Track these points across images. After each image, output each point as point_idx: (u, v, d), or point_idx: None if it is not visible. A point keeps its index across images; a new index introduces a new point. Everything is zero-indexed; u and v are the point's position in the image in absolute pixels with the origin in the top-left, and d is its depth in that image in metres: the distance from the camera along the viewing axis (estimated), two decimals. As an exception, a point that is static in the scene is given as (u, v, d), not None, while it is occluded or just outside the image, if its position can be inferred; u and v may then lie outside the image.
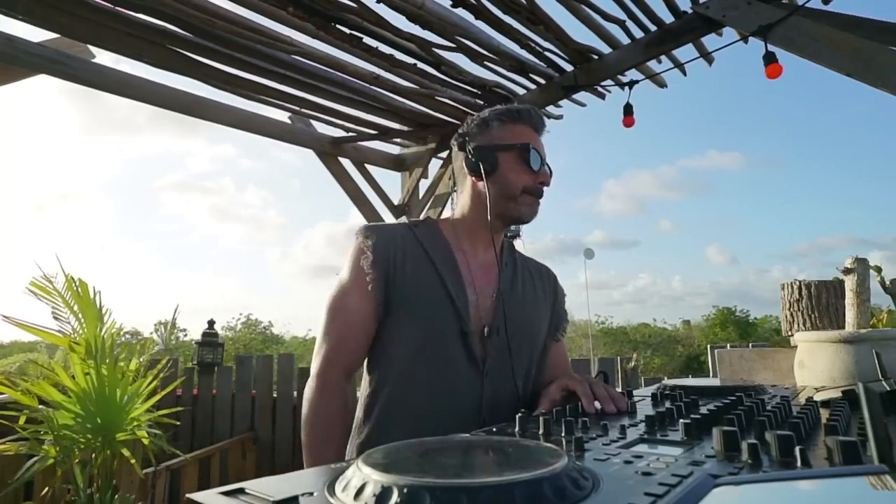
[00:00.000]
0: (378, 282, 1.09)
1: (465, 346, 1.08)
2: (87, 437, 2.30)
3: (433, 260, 1.12)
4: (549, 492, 0.36)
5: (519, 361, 1.14)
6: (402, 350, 1.08)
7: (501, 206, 1.14)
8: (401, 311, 1.08)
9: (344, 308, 1.10)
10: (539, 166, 1.14)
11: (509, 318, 1.13)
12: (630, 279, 64.69)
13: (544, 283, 1.31)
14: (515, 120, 1.18)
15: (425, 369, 1.06)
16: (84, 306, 2.48)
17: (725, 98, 79.42)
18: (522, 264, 1.29)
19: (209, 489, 0.43)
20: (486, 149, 1.13)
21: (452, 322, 1.08)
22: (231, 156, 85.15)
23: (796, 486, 0.38)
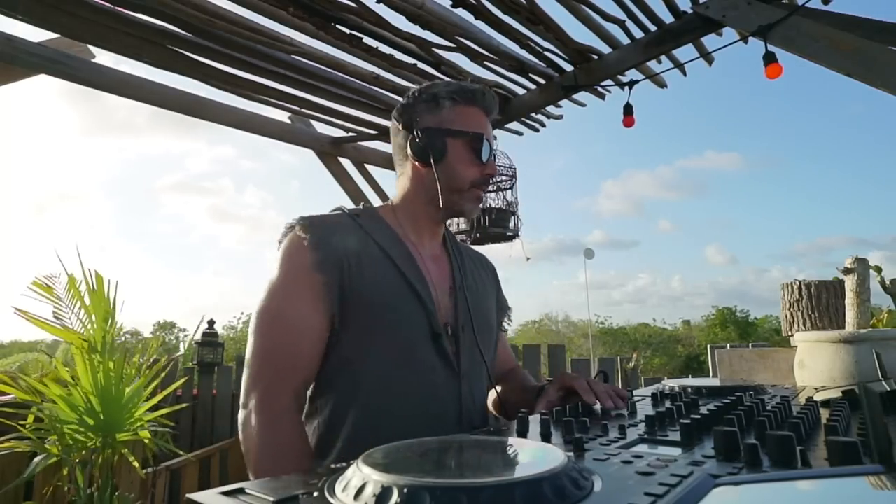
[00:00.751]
0: (330, 285, 0.92)
1: (438, 349, 0.97)
2: (90, 435, 2.30)
3: (388, 253, 0.99)
4: (549, 492, 0.36)
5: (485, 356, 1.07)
6: (369, 361, 0.93)
7: (446, 197, 1.02)
8: (363, 320, 0.93)
9: (286, 319, 0.91)
10: (489, 157, 1.04)
11: (471, 311, 1.05)
12: (629, 279, 64.75)
13: (486, 272, 1.23)
14: (469, 101, 1.05)
15: (399, 379, 0.93)
16: (96, 300, 2.48)
17: (724, 98, 79.47)
18: (465, 254, 1.20)
19: (209, 489, 0.43)
20: (436, 132, 1.01)
21: (423, 324, 0.96)
22: (230, 156, 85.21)
23: (796, 486, 0.38)
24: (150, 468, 2.70)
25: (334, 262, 0.93)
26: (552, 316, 30.41)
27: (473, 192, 1.04)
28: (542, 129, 3.50)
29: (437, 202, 1.03)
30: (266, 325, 0.92)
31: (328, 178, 3.76)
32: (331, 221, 1.01)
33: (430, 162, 1.01)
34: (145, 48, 2.38)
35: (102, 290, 2.51)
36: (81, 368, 2.31)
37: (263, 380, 0.89)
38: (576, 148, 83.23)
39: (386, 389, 0.93)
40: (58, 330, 2.46)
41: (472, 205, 1.05)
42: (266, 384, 0.89)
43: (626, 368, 4.35)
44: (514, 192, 3.55)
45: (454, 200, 1.03)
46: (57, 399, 2.27)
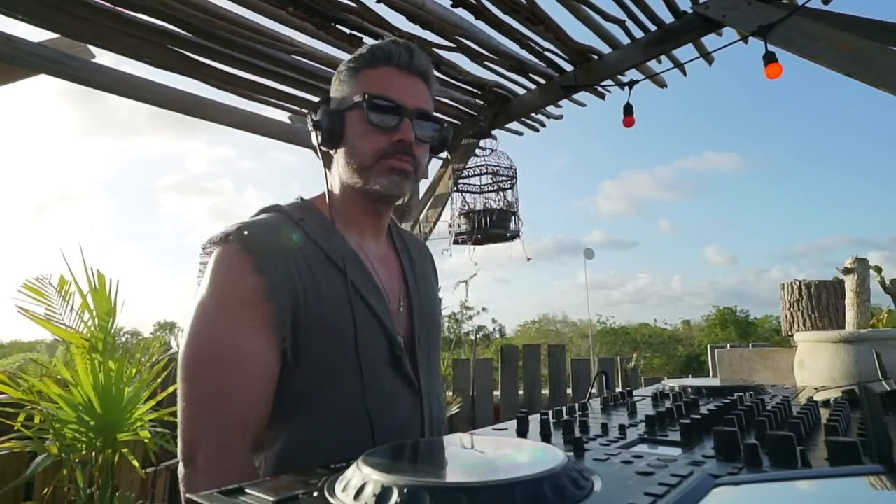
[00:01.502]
0: (283, 317, 0.77)
1: (401, 372, 0.86)
2: (90, 435, 2.30)
3: (339, 266, 0.84)
4: (549, 492, 0.36)
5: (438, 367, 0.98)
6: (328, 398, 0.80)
7: (357, 180, 0.87)
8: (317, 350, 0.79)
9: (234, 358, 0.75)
10: (395, 121, 0.85)
11: (425, 320, 0.94)
12: (629, 279, 64.77)
13: (428, 263, 1.09)
14: (370, 63, 0.88)
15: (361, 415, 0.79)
16: (98, 300, 2.48)
17: (723, 99, 79.63)
18: (411, 245, 1.05)
19: (209, 489, 0.43)
20: (332, 112, 0.88)
21: (382, 347, 0.84)
22: (230, 157, 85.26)
23: (796, 486, 0.38)
24: (151, 468, 2.70)
25: (287, 286, 0.78)
26: (552, 316, 30.42)
27: (382, 164, 0.86)
28: (541, 129, 3.50)
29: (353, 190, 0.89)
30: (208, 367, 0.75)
31: (328, 178, 3.76)
32: (275, 231, 0.83)
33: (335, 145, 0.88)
34: (145, 48, 2.38)
35: (104, 289, 2.51)
36: (82, 368, 2.31)
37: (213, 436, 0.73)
38: (574, 148, 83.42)
39: (345, 425, 0.80)
40: (59, 329, 2.46)
41: (386, 179, 0.86)
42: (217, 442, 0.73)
43: (626, 368, 4.35)
44: (514, 192, 3.55)
45: (362, 181, 0.87)
46: (57, 399, 2.27)
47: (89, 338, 2.40)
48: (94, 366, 2.33)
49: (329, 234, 0.87)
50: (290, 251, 0.81)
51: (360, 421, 0.80)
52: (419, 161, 0.89)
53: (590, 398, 0.98)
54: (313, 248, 0.84)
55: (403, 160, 0.86)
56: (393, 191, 0.87)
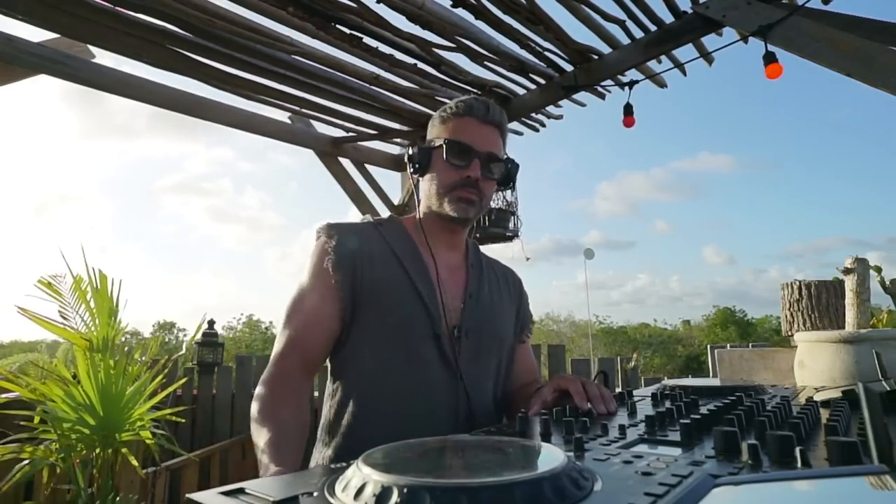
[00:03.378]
0: (343, 283, 1.04)
1: (439, 348, 1.04)
2: (90, 435, 2.30)
3: (400, 259, 1.09)
4: (549, 492, 0.36)
5: (488, 363, 1.12)
6: (373, 353, 1.03)
7: (435, 204, 1.12)
8: (369, 314, 1.04)
9: (302, 308, 1.05)
10: (467, 161, 1.09)
11: (478, 319, 1.11)
12: (628, 279, 64.81)
13: (510, 286, 1.29)
14: (456, 115, 1.13)
15: (398, 373, 1.02)
16: (99, 299, 2.48)
17: (717, 100, 79.70)
18: (488, 266, 1.26)
19: (209, 489, 0.43)
20: (423, 149, 1.13)
21: (425, 323, 1.04)
22: (229, 158, 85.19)
23: (796, 486, 0.38)
24: (151, 468, 2.70)
25: (349, 262, 1.05)
26: (553, 316, 30.42)
27: (454, 193, 1.09)
28: (541, 129, 3.50)
29: (433, 210, 1.13)
30: (291, 312, 1.06)
31: (326, 179, 3.77)
32: (351, 227, 1.12)
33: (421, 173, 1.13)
34: (145, 48, 2.38)
35: (106, 289, 2.51)
36: (82, 368, 2.31)
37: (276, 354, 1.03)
38: (571, 149, 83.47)
39: (384, 381, 1.02)
40: (60, 329, 2.46)
41: (454, 206, 1.10)
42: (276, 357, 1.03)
43: (626, 368, 4.35)
44: (513, 192, 3.55)
45: (438, 205, 1.11)
46: (57, 399, 2.27)
47: (90, 338, 2.41)
48: (95, 365, 2.34)
49: (401, 239, 1.13)
50: (359, 239, 1.09)
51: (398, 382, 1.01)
52: (484, 193, 1.12)
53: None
54: (382, 244, 1.11)
55: (470, 192, 1.10)
56: (460, 214, 1.10)
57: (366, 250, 1.08)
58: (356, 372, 1.04)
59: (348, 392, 1.04)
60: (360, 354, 1.04)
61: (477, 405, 1.06)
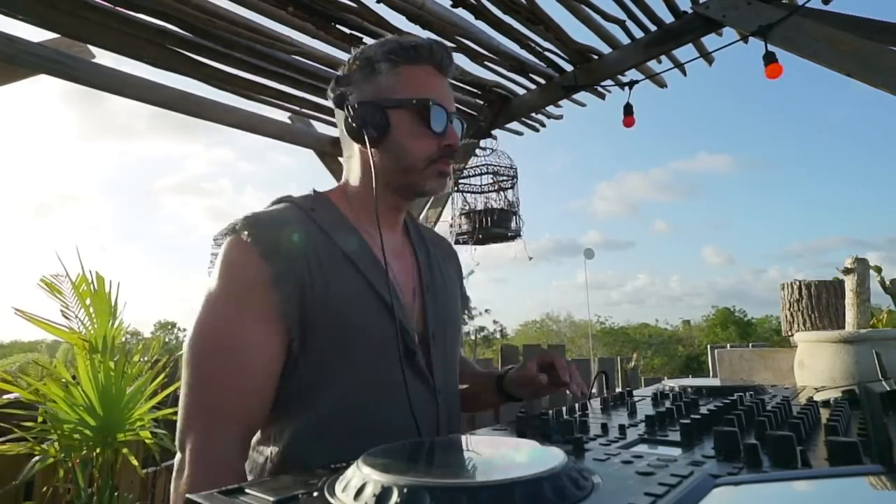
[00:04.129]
0: (288, 306, 0.76)
1: (414, 367, 0.85)
2: (90, 435, 2.30)
3: (353, 260, 0.83)
4: (549, 492, 0.36)
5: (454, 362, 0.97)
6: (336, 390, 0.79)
7: (399, 179, 0.88)
8: (325, 340, 0.79)
9: (233, 346, 0.74)
10: (445, 126, 0.87)
11: (440, 316, 0.94)
12: (628, 279, 64.84)
13: (450, 262, 1.09)
14: (412, 60, 0.87)
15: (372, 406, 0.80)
16: (98, 301, 2.48)
17: (716, 100, 79.84)
18: (430, 241, 1.05)
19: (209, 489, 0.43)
20: (372, 106, 0.85)
21: (394, 341, 0.81)
22: (229, 159, 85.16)
23: (796, 486, 0.38)
24: (151, 468, 2.70)
25: (294, 275, 0.77)
26: (553, 315, 30.41)
27: (433, 168, 0.88)
28: (541, 129, 3.50)
29: (392, 186, 0.90)
30: (207, 354, 0.75)
31: (325, 180, 3.76)
32: (283, 221, 0.83)
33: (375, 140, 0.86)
34: (145, 48, 2.38)
35: (103, 290, 2.51)
36: (82, 369, 2.31)
37: (201, 421, 0.73)
38: (571, 149, 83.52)
39: (355, 418, 0.79)
40: (58, 330, 2.46)
41: (435, 182, 0.89)
42: (203, 427, 0.73)
43: (626, 368, 4.35)
44: (515, 192, 3.55)
45: (411, 182, 0.89)
46: (57, 399, 2.27)
47: (89, 338, 2.41)
48: (94, 366, 2.34)
49: (342, 227, 0.88)
50: (299, 241, 0.80)
51: (370, 416, 0.79)
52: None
53: (590, 398, 0.98)
54: (324, 239, 0.84)
55: (448, 163, 0.90)
56: (440, 190, 0.91)
57: (310, 253, 0.80)
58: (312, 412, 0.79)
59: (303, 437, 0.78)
60: (320, 389, 0.79)
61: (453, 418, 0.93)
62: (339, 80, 0.91)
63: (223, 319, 0.76)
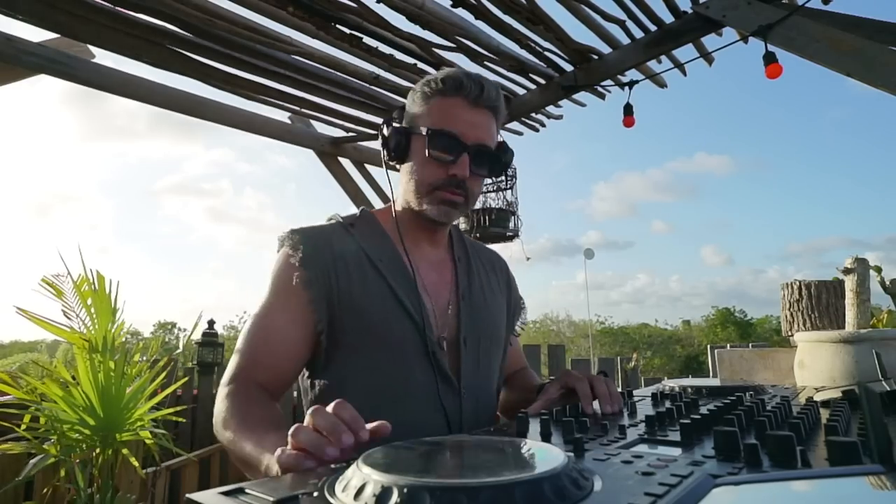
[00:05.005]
0: (317, 304, 0.90)
1: (435, 365, 0.93)
2: (90, 435, 2.30)
3: (379, 268, 0.95)
4: (549, 492, 0.36)
5: (490, 367, 1.04)
6: (362, 383, 0.90)
7: (413, 201, 0.97)
8: (352, 335, 0.91)
9: (264, 328, 0.91)
10: (454, 155, 0.92)
11: (475, 323, 1.00)
12: (627, 279, 64.85)
13: (498, 274, 1.16)
14: (442, 92, 0.95)
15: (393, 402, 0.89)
16: (98, 301, 2.48)
17: (715, 100, 79.83)
18: (475, 255, 1.13)
19: (209, 489, 0.43)
20: (402, 131, 0.96)
21: (416, 341, 0.92)
22: (228, 159, 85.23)
23: (796, 486, 0.38)
24: (151, 468, 2.70)
25: (321, 279, 0.91)
26: (553, 316, 30.41)
27: (436, 195, 0.94)
28: (541, 128, 3.50)
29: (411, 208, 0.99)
30: (249, 333, 0.93)
31: (324, 181, 3.77)
32: (319, 233, 0.97)
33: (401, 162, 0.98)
34: (145, 48, 2.38)
35: (104, 290, 2.51)
36: (82, 368, 2.31)
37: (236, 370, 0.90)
38: (569, 150, 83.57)
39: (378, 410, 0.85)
40: (59, 329, 2.46)
41: (436, 209, 0.95)
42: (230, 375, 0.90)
43: (626, 368, 4.35)
44: (514, 192, 3.55)
45: (417, 204, 0.97)
46: (57, 399, 2.27)
47: (89, 338, 2.40)
48: (94, 366, 2.33)
49: (378, 239, 0.99)
50: (331, 251, 0.94)
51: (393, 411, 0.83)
52: (472, 192, 0.98)
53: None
54: (356, 250, 0.96)
55: (455, 193, 0.95)
56: (441, 219, 0.97)
57: (340, 260, 0.93)
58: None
59: None
60: (348, 381, 0.91)
61: (480, 417, 0.98)
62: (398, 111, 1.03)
63: (265, 311, 0.93)
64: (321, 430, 0.58)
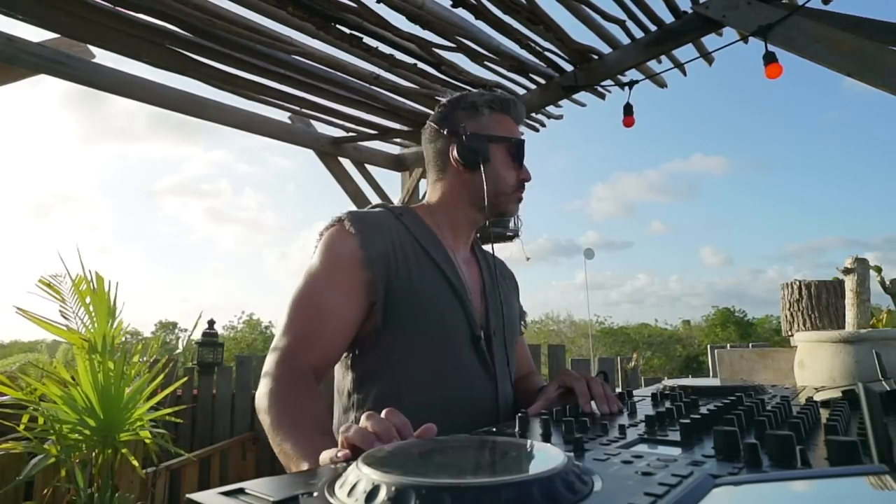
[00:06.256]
0: (375, 283, 0.95)
1: (478, 352, 1.02)
2: (90, 436, 2.30)
3: (433, 257, 1.03)
4: (549, 492, 0.36)
5: (511, 361, 1.12)
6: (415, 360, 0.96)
7: (491, 200, 1.07)
8: (407, 316, 0.96)
9: (316, 305, 0.93)
10: (521, 162, 1.11)
11: (499, 316, 1.10)
12: (627, 280, 64.82)
13: (507, 278, 1.29)
14: (504, 111, 1.12)
15: (442, 382, 0.96)
16: (97, 301, 2.48)
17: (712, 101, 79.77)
18: (490, 259, 1.24)
19: (209, 489, 0.43)
20: (480, 138, 1.06)
21: (464, 327, 1.01)
22: (227, 161, 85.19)
23: (796, 486, 0.38)
24: (151, 468, 2.70)
25: (382, 260, 0.96)
26: (553, 316, 30.42)
27: (516, 194, 1.11)
28: (541, 129, 3.50)
29: (480, 205, 1.08)
30: (297, 307, 0.94)
31: (323, 181, 3.79)
32: (377, 218, 1.04)
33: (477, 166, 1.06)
34: (145, 48, 2.38)
35: (103, 290, 2.51)
36: (82, 368, 2.31)
37: (285, 351, 0.91)
38: (568, 150, 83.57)
39: (428, 389, 0.95)
40: (59, 330, 2.46)
41: (515, 205, 1.12)
42: (281, 353, 0.90)
43: (626, 368, 4.35)
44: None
45: (500, 202, 1.09)
46: (57, 399, 2.27)
47: (89, 338, 2.40)
48: (94, 366, 2.33)
49: (423, 229, 1.07)
50: (389, 235, 1.00)
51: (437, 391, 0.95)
52: None
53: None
54: (409, 238, 1.03)
55: (523, 192, 1.12)
56: (514, 213, 1.13)
57: (397, 245, 1.00)
58: (393, 382, 0.96)
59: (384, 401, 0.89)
60: (399, 360, 0.97)
61: (508, 406, 1.05)
62: (444, 115, 1.11)
63: (315, 285, 0.95)
64: (374, 432, 0.60)
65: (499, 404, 1.03)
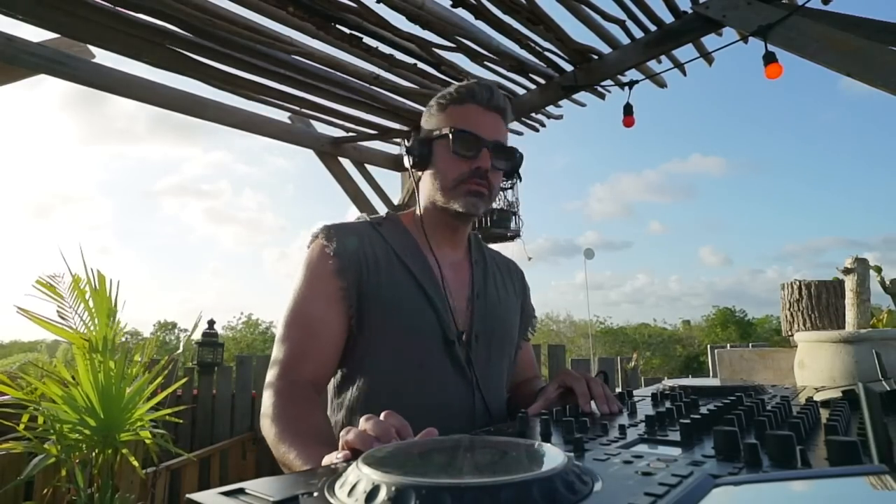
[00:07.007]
0: (348, 289, 0.97)
1: (451, 355, 1.00)
2: (90, 435, 2.30)
3: (404, 261, 1.03)
4: (549, 492, 0.36)
5: (499, 365, 1.10)
6: (383, 364, 0.98)
7: (440, 199, 1.05)
8: (376, 321, 0.98)
9: (306, 318, 0.97)
10: (475, 151, 1.02)
11: (487, 320, 1.07)
12: (626, 280, 64.84)
13: (513, 280, 1.24)
14: (456, 101, 1.06)
15: (413, 383, 0.97)
16: (98, 300, 2.48)
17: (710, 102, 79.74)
18: (491, 261, 1.21)
19: (209, 489, 0.43)
20: (422, 140, 1.06)
21: (436, 330, 0.99)
22: (227, 161, 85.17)
23: (796, 486, 0.38)
24: (151, 468, 2.70)
25: (353, 268, 0.99)
26: (552, 316, 30.41)
27: (463, 187, 1.03)
28: (541, 129, 3.50)
29: (438, 207, 1.06)
30: (288, 324, 0.98)
31: (322, 182, 3.82)
32: (351, 229, 1.06)
33: (424, 167, 1.07)
34: (145, 48, 2.38)
35: (104, 289, 2.51)
36: (82, 368, 2.31)
37: (287, 364, 0.95)
38: (567, 151, 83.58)
39: (397, 391, 0.96)
40: (59, 329, 2.45)
41: (463, 200, 1.03)
42: (281, 368, 0.94)
43: (626, 368, 4.35)
44: (514, 192, 3.55)
45: (444, 200, 1.05)
46: (57, 399, 2.27)
47: (89, 338, 2.40)
48: (94, 366, 2.33)
49: (402, 238, 1.08)
50: (361, 243, 1.03)
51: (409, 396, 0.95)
52: (493, 185, 1.06)
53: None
54: (383, 245, 1.05)
55: (480, 184, 1.03)
56: (470, 210, 1.04)
57: (370, 253, 1.02)
58: (366, 385, 0.98)
59: (358, 402, 0.97)
60: (369, 365, 0.98)
61: (492, 411, 1.03)
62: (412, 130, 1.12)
63: (302, 301, 0.99)
64: (374, 434, 0.61)
65: (475, 410, 1.00)
